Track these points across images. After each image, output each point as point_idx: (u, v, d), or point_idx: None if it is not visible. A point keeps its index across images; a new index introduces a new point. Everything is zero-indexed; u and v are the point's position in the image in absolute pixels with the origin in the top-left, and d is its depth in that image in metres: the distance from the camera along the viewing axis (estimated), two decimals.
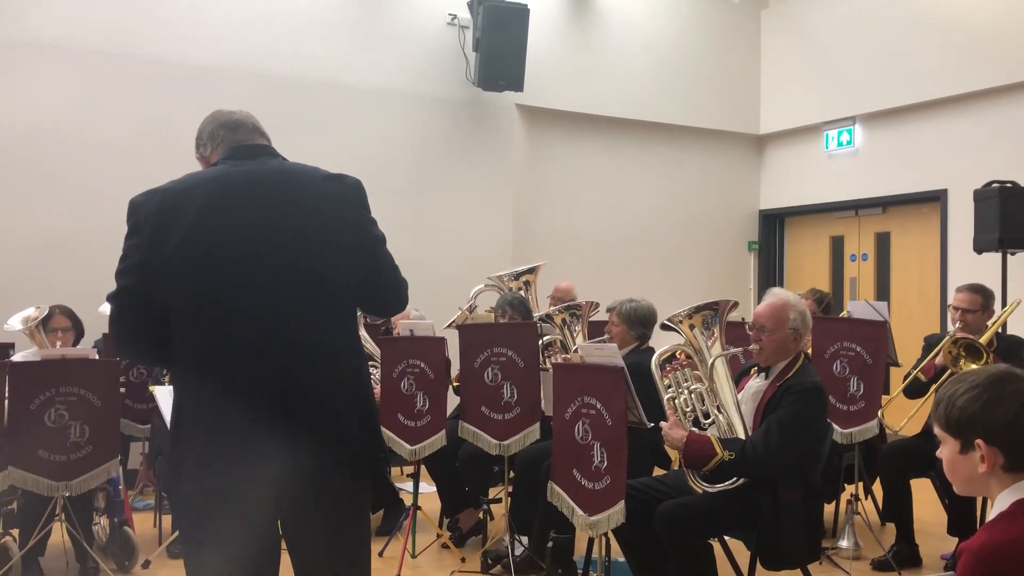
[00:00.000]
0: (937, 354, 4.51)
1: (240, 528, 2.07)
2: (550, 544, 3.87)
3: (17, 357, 4.50)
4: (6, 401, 3.92)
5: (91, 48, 6.26)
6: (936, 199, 7.64)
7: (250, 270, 2.09)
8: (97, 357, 4.40)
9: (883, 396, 4.75)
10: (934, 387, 4.51)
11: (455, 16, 7.52)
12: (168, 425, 2.16)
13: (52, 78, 6.14)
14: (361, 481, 2.24)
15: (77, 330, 4.98)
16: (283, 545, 2.23)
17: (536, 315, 5.15)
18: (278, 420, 2.06)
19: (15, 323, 4.74)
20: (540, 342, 4.58)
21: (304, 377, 2.12)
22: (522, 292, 5.64)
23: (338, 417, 2.15)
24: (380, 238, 2.30)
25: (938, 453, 1.83)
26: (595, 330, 4.98)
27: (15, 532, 4.33)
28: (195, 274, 2.07)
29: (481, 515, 4.92)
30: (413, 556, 4.58)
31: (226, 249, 2.09)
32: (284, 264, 2.11)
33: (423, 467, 4.79)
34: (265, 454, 2.04)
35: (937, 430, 1.82)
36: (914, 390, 4.64)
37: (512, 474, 4.52)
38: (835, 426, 4.33)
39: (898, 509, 4.58)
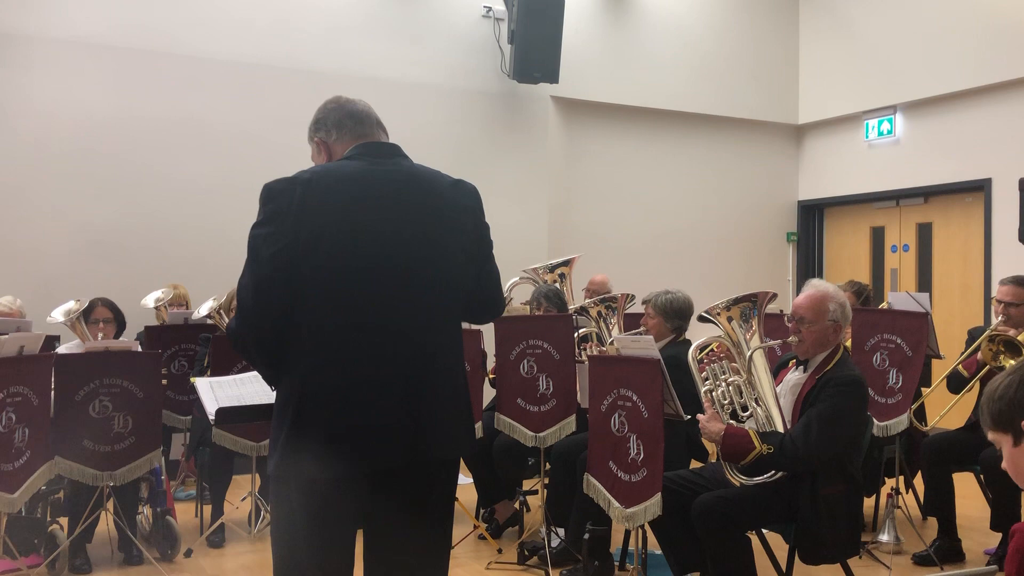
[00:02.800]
0: (977, 349, 4.45)
1: (343, 517, 2.16)
2: (587, 536, 3.87)
3: (61, 349, 4.59)
4: (52, 392, 4.01)
5: (134, 46, 6.35)
6: (980, 188, 7.50)
7: (387, 268, 2.16)
8: (139, 349, 4.48)
9: (923, 389, 4.69)
10: (977, 378, 4.45)
11: (490, 9, 7.52)
12: (276, 416, 2.19)
13: (97, 76, 6.24)
14: (454, 481, 2.34)
15: (119, 322, 5.05)
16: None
17: (571, 307, 5.14)
18: (398, 415, 2.14)
19: (57, 315, 4.84)
20: (576, 334, 4.57)
21: (424, 376, 2.19)
22: (557, 284, 5.64)
23: (450, 419, 2.24)
24: (492, 245, 2.40)
25: (1003, 466, 1.78)
26: (631, 322, 4.96)
27: (63, 520, 4.43)
28: (336, 268, 2.12)
29: (517, 506, 4.93)
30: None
31: (367, 246, 2.15)
32: (418, 264, 2.20)
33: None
34: (382, 447, 2.12)
35: (991, 435, 1.78)
36: (957, 383, 4.58)
37: (548, 466, 4.52)
38: (873, 419, 4.28)
39: (940, 503, 4.51)
